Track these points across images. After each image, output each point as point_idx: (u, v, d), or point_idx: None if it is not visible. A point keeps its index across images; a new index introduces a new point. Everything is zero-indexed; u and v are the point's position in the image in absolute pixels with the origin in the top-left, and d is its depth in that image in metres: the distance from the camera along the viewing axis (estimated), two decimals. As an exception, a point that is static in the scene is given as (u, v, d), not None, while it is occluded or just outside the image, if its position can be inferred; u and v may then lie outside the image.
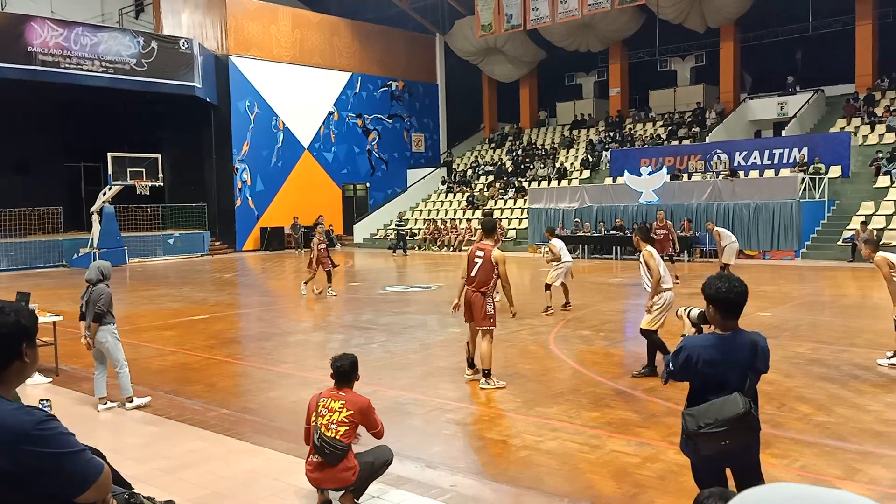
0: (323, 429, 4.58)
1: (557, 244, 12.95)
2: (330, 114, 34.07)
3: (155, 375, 8.58)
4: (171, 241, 28.37)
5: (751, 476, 3.67)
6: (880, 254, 8.22)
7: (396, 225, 30.14)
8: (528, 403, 7.00)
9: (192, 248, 28.90)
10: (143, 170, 25.06)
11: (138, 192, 25.18)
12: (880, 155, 23.59)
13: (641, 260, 8.22)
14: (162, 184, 26.12)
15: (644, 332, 8.04)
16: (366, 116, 35.58)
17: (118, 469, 4.74)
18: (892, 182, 22.43)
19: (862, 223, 19.71)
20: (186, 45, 28.79)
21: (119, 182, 24.51)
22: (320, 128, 33.73)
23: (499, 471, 5.30)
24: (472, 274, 7.71)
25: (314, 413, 4.70)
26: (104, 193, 24.84)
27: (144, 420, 6.87)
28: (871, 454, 5.41)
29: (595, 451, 5.63)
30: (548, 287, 12.63)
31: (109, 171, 24.51)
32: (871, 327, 10.44)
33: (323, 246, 15.70)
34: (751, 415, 3.42)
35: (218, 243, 30.55)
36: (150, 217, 28.75)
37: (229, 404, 7.28)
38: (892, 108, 25.98)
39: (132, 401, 7.15)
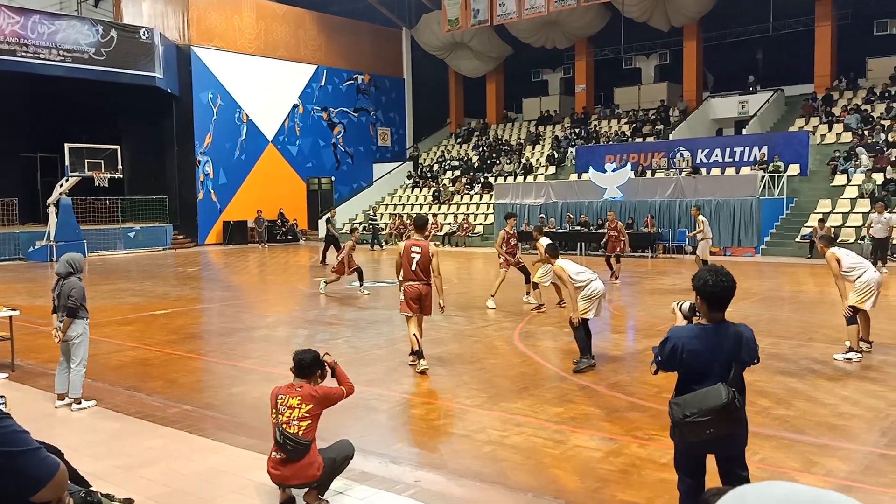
0: (284, 426, 4.54)
1: (545, 244, 12.51)
2: (295, 107, 33.74)
3: (114, 371, 8.41)
4: (131, 234, 27.85)
5: (736, 465, 3.73)
6: (831, 250, 8.51)
7: (370, 219, 30.00)
8: (493, 399, 7.01)
9: (154, 242, 28.42)
10: (102, 161, 24.56)
11: (97, 183, 24.66)
12: (837, 154, 24.14)
13: (553, 274, 8.53)
14: (121, 176, 25.62)
15: (571, 324, 8.28)
16: (331, 110, 35.32)
17: (76, 467, 4.63)
18: (849, 181, 22.97)
19: (819, 221, 20.16)
20: (147, 35, 28.23)
21: (77, 174, 23.97)
22: (285, 121, 33.40)
23: (463, 466, 5.30)
24: (413, 268, 8.06)
25: (273, 409, 4.65)
26: (61, 185, 24.26)
27: (103, 417, 6.73)
28: (827, 447, 5.54)
29: (559, 445, 5.67)
30: (535, 286, 12.32)
31: (67, 163, 23.96)
32: (828, 323, 10.69)
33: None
34: (733, 405, 3.48)
35: (180, 237, 30.08)
36: (109, 210, 28.19)
37: (191, 400, 7.17)
38: (849, 108, 26.60)
39: (80, 402, 6.95)
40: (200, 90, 30.08)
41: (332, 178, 35.76)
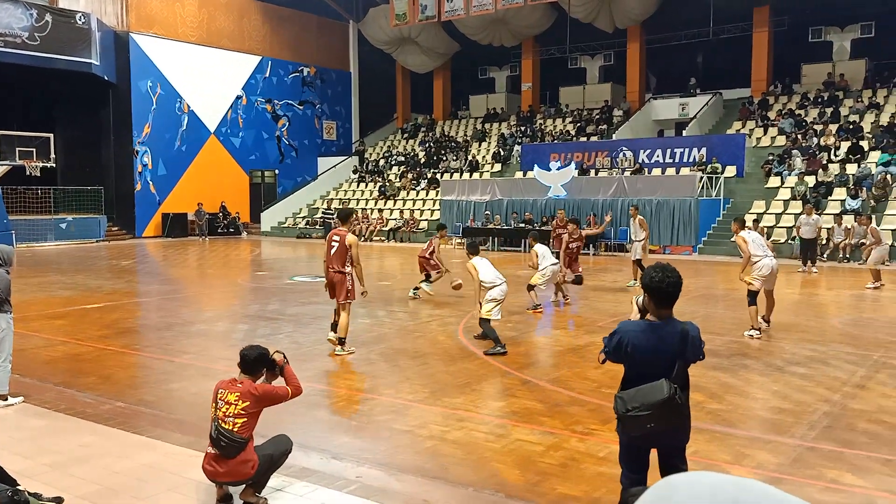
0: (220, 421, 4.44)
1: (541, 251, 12.12)
2: (238, 98, 33.13)
3: (43, 367, 8.11)
4: (63, 225, 26.92)
5: (676, 459, 3.81)
6: (742, 233, 9.92)
7: (324, 213, 29.65)
8: (436, 394, 7.02)
9: (87, 234, 27.52)
10: (34, 149, 23.68)
11: (28, 172, 23.76)
12: (772, 157, 24.94)
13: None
14: (54, 165, 24.75)
15: (481, 321, 8.95)
16: (276, 102, 34.80)
17: (2, 465, 4.46)
18: (782, 183, 23.76)
19: (754, 221, 20.79)
20: (84, 20, 27.29)
21: (6, 162, 23.05)
22: (227, 112, 32.77)
23: (405, 461, 5.29)
24: (331, 255, 8.69)
25: (213, 403, 4.56)
26: (-10, 173, 23.32)
27: (31, 414, 6.48)
28: (758, 440, 5.71)
29: (500, 440, 5.71)
30: (530, 287, 12.02)
31: (-4, 150, 23.03)
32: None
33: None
34: (674, 401, 3.53)
35: (115, 229, 29.23)
36: (41, 200, 27.15)
37: (125, 397, 6.97)
38: (783, 113, 27.51)
39: (6, 399, 6.67)
40: (139, 78, 29.25)
41: (276, 172, 35.25)
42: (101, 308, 12.25)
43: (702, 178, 23.26)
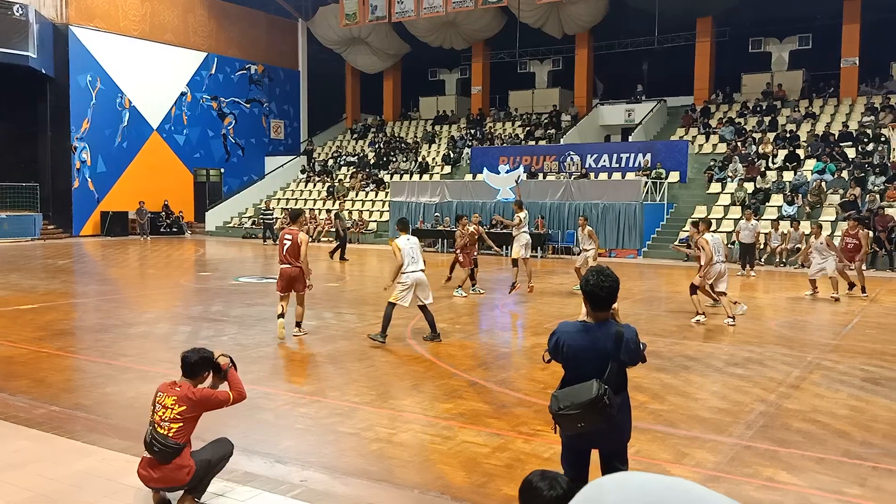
0: (156, 425, 4.33)
1: (523, 216, 13.75)
2: (182, 94, 32.43)
3: (-27, 370, 7.79)
4: (-4, 223, 25.94)
5: (616, 460, 3.85)
6: (706, 236, 11.19)
7: (262, 214, 29.22)
8: (383, 396, 6.98)
9: (21, 232, 26.57)
10: (-34, 144, 22.73)
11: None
12: (713, 163, 25.62)
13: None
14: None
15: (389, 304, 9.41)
16: (221, 99, 34.20)
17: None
18: (723, 188, 24.42)
19: (692, 223, 21.28)
20: (21, 12, 26.34)
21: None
22: (171, 108, 32.06)
23: (350, 464, 5.25)
24: (285, 252, 9.47)
25: (152, 406, 4.44)
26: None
27: (-42, 419, 6.21)
28: (697, 439, 5.85)
29: (447, 442, 5.71)
30: (515, 262, 13.46)
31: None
32: (702, 322, 11.30)
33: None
34: (602, 401, 3.55)
35: (51, 227, 28.30)
36: (-28, 196, 26.13)
37: (59, 401, 6.73)
38: (724, 121, 28.28)
39: None
40: (78, 72, 28.39)
41: (222, 170, 34.64)
42: (35, 309, 11.83)
43: (646, 183, 23.73)
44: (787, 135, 25.97)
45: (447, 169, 30.86)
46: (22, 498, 4.55)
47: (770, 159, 25.02)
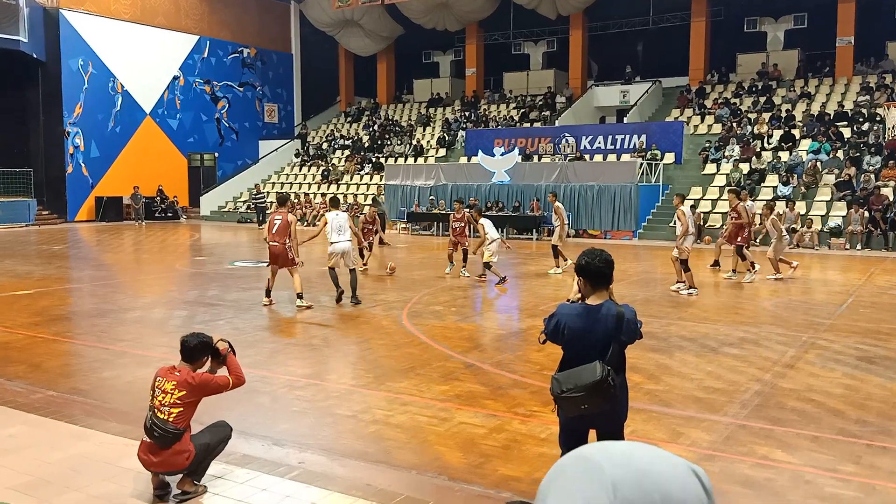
0: (156, 410, 4.34)
1: (487, 224, 13.15)
2: (175, 78, 32.19)
3: (-31, 356, 7.78)
4: (-10, 209, 25.83)
5: (614, 440, 3.86)
6: (682, 207, 12.08)
7: (254, 198, 29.10)
8: (379, 378, 7.00)
9: (15, 218, 26.45)
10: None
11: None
12: (708, 144, 25.58)
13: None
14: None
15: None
16: (214, 83, 33.96)
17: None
18: (718, 169, 24.41)
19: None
20: (10, -6, 26.08)
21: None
22: (164, 93, 31.82)
23: (348, 446, 5.27)
24: (273, 232, 10.58)
25: (151, 390, 4.44)
26: None
27: (-45, 405, 6.21)
28: (693, 419, 5.89)
29: (443, 423, 5.74)
30: (488, 266, 12.98)
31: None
32: (696, 303, 11.35)
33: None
34: (606, 382, 3.57)
35: (46, 213, 28.17)
36: (-35, 182, 25.99)
37: (57, 385, 6.74)
38: (719, 101, 28.21)
39: None
40: (70, 56, 28.14)
41: (216, 155, 34.46)
42: (30, 295, 11.81)
43: (642, 164, 23.70)
44: (783, 115, 25.93)
45: (442, 152, 30.76)
46: (20, 482, 4.57)
47: (765, 139, 24.99)
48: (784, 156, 23.78)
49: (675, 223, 14.63)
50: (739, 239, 13.57)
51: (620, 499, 0.86)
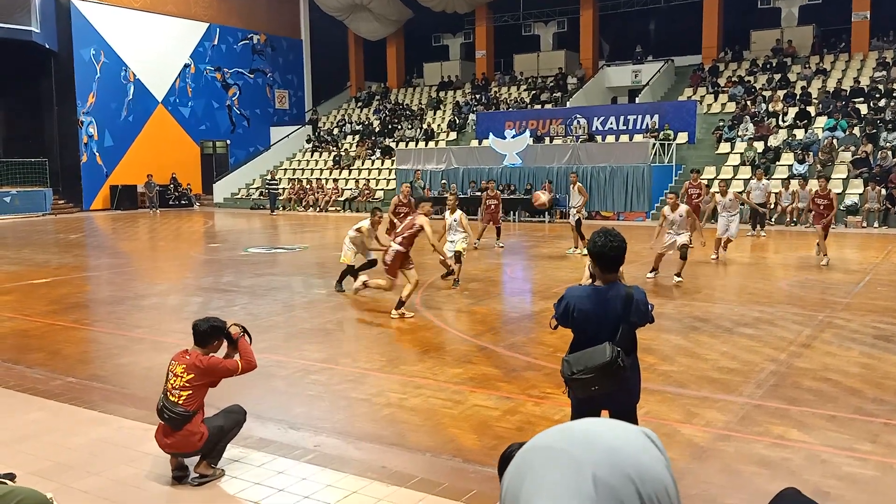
0: (168, 393, 4.41)
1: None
2: (186, 66, 32.22)
3: (-11, 344, 7.89)
4: (7, 199, 26.06)
5: (627, 420, 3.87)
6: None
7: (267, 184, 29.18)
8: (393, 362, 7.04)
9: (32, 207, 26.70)
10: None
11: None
12: (722, 123, 25.32)
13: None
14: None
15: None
16: (225, 70, 33.96)
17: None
18: (732, 148, 24.19)
19: (705, 186, 21.13)
20: (21, -15, 26.14)
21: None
22: (175, 80, 31.87)
23: (363, 429, 5.31)
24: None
25: (166, 374, 4.51)
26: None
27: (-23, 392, 6.30)
28: (707, 399, 5.88)
29: (457, 406, 5.76)
30: (458, 258, 11.50)
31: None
32: (709, 284, 11.30)
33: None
34: (616, 363, 3.57)
35: (62, 202, 28.40)
36: (-19, 173, 26.22)
37: (76, 372, 6.82)
38: (733, 79, 27.89)
39: None
40: (81, 46, 28.22)
41: (228, 142, 34.54)
42: (48, 283, 11.93)
43: (654, 144, 23.52)
44: (798, 92, 25.61)
45: (453, 135, 30.66)
46: (42, 467, 4.64)
47: (780, 117, 24.71)
48: (799, 133, 23.51)
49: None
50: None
51: (602, 484, 0.85)
